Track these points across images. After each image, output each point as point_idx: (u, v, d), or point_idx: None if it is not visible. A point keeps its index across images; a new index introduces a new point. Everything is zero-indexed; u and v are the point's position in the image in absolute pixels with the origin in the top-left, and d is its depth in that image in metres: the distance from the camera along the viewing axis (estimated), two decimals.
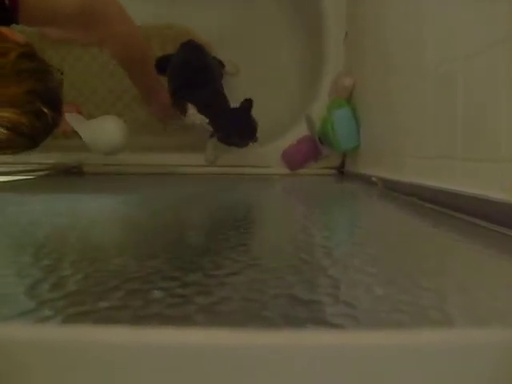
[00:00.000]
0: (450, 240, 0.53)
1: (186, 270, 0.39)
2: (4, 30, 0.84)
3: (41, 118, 0.85)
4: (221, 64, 1.53)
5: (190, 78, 1.38)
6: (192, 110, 1.31)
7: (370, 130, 1.16)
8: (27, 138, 0.86)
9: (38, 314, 0.30)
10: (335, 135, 1.25)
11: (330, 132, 1.27)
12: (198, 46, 1.46)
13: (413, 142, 0.82)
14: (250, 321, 0.29)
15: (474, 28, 0.60)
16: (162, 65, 1.52)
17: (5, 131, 0.80)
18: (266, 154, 1.43)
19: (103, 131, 1.25)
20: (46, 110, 0.85)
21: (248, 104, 1.29)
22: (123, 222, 0.65)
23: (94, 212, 0.71)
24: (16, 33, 0.87)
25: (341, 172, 1.43)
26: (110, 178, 1.39)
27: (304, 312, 0.30)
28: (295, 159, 1.42)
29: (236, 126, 1.30)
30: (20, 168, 1.36)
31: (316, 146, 1.39)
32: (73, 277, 0.37)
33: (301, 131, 1.42)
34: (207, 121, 1.31)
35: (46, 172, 1.38)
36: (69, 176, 1.41)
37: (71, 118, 1.26)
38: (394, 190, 0.90)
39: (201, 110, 1.31)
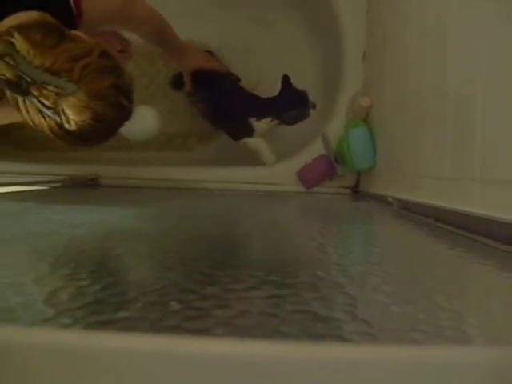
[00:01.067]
0: (467, 262, 0.52)
1: (203, 283, 0.40)
2: (80, 33, 0.92)
3: (121, 109, 0.93)
4: (237, 79, 1.56)
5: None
6: (259, 123, 1.40)
7: (386, 150, 1.16)
8: (109, 129, 0.95)
9: (57, 322, 0.30)
10: (351, 155, 1.25)
11: (346, 151, 1.27)
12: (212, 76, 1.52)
13: (430, 162, 0.82)
14: (269, 335, 0.29)
15: (494, 49, 0.61)
16: (178, 81, 1.57)
17: (92, 122, 0.87)
18: (282, 172, 1.44)
19: (138, 120, 1.28)
20: (125, 102, 0.93)
21: (286, 79, 1.38)
22: (140, 234, 0.65)
23: (111, 224, 0.72)
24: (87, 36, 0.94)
25: (355, 191, 1.43)
26: (126, 191, 1.40)
27: (322, 328, 0.30)
28: (311, 178, 1.42)
29: (293, 101, 1.39)
30: (38, 179, 1.37)
31: (332, 165, 1.40)
32: (91, 287, 0.38)
33: (317, 150, 1.42)
34: (270, 119, 1.39)
35: (63, 183, 1.39)
36: (85, 188, 1.42)
37: None
38: (409, 211, 0.89)
39: (260, 118, 1.40)
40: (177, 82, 1.63)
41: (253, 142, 1.45)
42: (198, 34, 1.68)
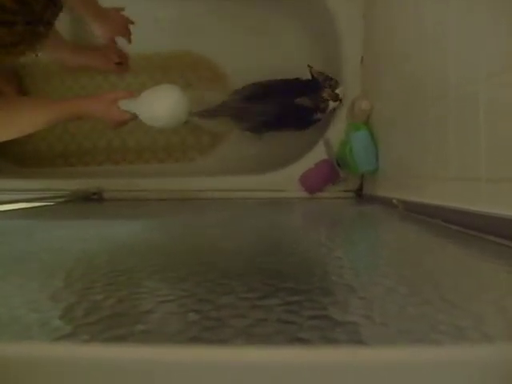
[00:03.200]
0: (480, 261, 0.52)
1: (217, 292, 0.40)
2: None
3: None
4: None
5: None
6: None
7: (388, 152, 1.16)
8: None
9: (75, 338, 0.30)
10: (353, 158, 1.25)
11: (348, 155, 1.27)
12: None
13: (434, 163, 0.82)
14: (288, 342, 0.29)
15: (496, 48, 0.61)
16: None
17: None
18: (285, 178, 1.44)
19: (159, 103, 1.24)
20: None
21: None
22: (148, 246, 0.65)
23: (120, 237, 0.72)
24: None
25: (359, 195, 1.43)
26: (130, 204, 1.40)
27: (341, 333, 0.30)
28: (314, 183, 1.42)
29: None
30: (41, 195, 1.37)
31: (334, 169, 1.40)
32: (106, 301, 0.38)
33: (319, 155, 1.43)
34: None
35: (67, 199, 1.39)
36: (89, 202, 1.42)
37: (125, 104, 1.25)
38: (415, 213, 0.89)
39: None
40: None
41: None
42: (197, 45, 1.70)
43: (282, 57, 1.66)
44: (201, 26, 1.70)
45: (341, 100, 1.40)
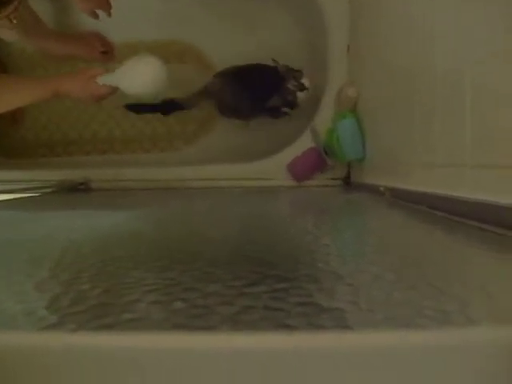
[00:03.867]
0: (465, 246, 0.53)
1: (204, 281, 0.40)
2: None
3: None
4: None
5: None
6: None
7: (375, 139, 1.16)
8: None
9: (61, 327, 0.30)
10: (340, 146, 1.26)
11: (335, 143, 1.27)
12: None
13: (420, 150, 0.82)
14: (275, 329, 0.29)
15: (482, 34, 0.61)
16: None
17: None
18: (272, 167, 1.44)
19: (139, 69, 1.24)
20: None
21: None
22: (135, 235, 0.65)
23: (106, 226, 0.71)
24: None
25: (347, 183, 1.43)
26: (117, 194, 1.39)
27: (327, 319, 0.30)
28: (301, 171, 1.42)
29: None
30: (27, 185, 1.36)
31: (321, 157, 1.40)
32: (93, 290, 0.37)
33: (306, 143, 1.43)
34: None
35: (53, 189, 1.38)
36: (76, 192, 1.41)
37: (104, 79, 1.25)
38: (402, 199, 0.90)
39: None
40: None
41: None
42: (183, 34, 1.69)
43: (269, 45, 1.65)
44: (187, 15, 1.68)
45: (307, 89, 1.42)
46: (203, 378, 0.25)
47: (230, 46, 1.68)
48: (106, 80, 1.24)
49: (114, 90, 1.26)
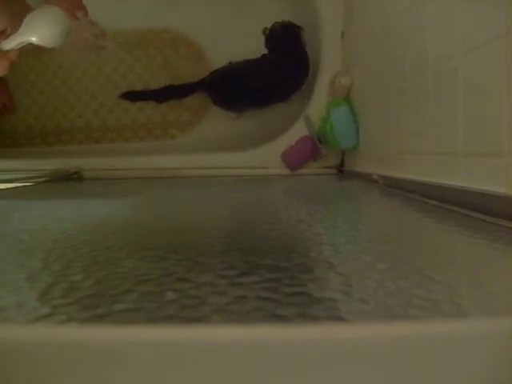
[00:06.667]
0: (456, 235, 0.53)
1: (196, 271, 0.40)
2: None
3: None
4: None
5: None
6: None
7: (369, 128, 1.16)
8: None
9: (53, 318, 0.30)
10: (334, 134, 1.25)
11: (329, 131, 1.27)
12: None
13: (413, 138, 0.82)
14: (266, 319, 0.29)
15: (473, 23, 0.61)
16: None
17: None
18: (266, 155, 1.44)
19: (39, 14, 1.16)
20: None
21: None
22: (128, 225, 0.65)
23: (99, 216, 0.71)
24: None
25: (340, 171, 1.43)
26: (109, 183, 1.39)
27: (319, 309, 0.30)
28: (295, 159, 1.42)
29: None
30: (20, 175, 1.35)
31: (315, 145, 1.40)
32: (85, 281, 0.37)
33: (300, 131, 1.42)
34: None
35: (46, 178, 1.38)
36: (69, 182, 1.41)
37: (8, 43, 1.13)
38: (395, 188, 0.90)
39: None
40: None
41: None
42: (176, 22, 1.68)
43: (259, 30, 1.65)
44: (179, 3, 1.67)
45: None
46: (195, 369, 0.25)
47: (223, 33, 1.67)
48: (10, 43, 1.18)
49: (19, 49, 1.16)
